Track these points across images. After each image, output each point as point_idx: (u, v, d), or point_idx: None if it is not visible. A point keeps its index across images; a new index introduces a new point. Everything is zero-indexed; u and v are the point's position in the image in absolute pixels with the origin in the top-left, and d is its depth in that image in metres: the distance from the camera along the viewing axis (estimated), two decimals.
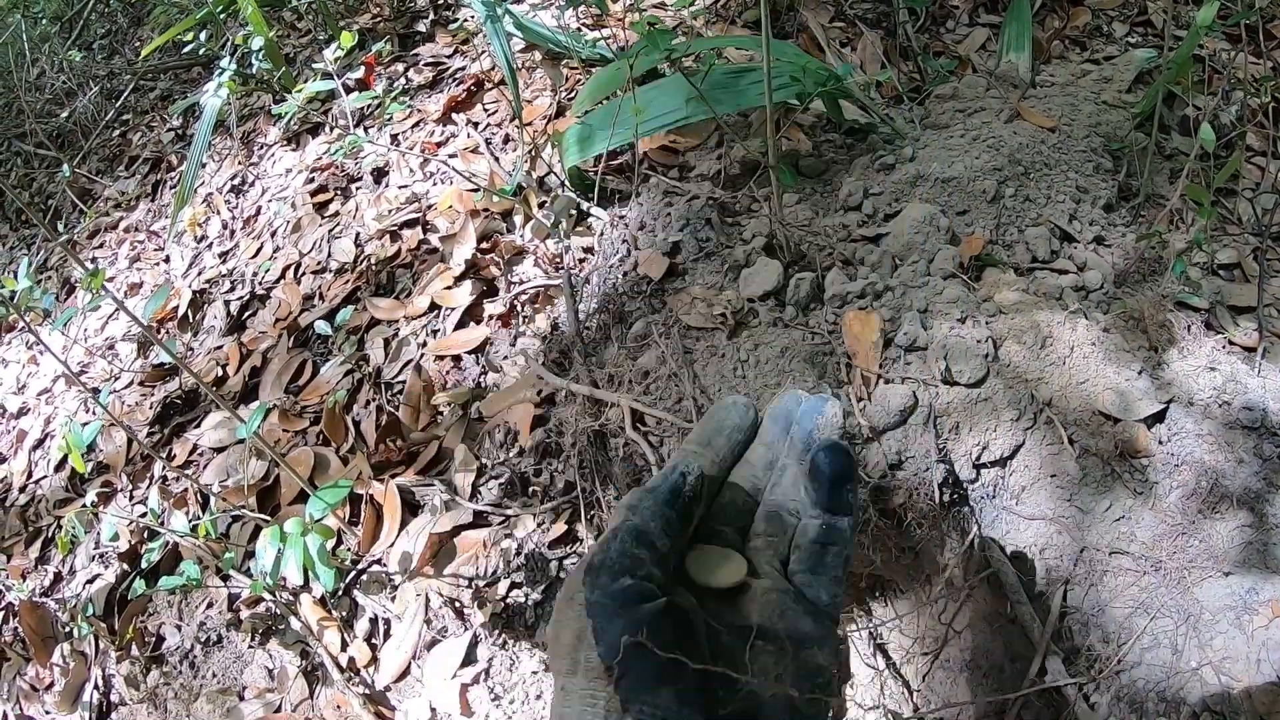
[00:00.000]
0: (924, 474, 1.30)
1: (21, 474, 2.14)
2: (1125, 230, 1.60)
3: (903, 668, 1.55)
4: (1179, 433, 1.37)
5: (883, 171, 1.58)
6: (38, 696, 1.88)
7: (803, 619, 0.47)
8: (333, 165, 2.02)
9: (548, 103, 1.86)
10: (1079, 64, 1.94)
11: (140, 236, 2.39)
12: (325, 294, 1.79)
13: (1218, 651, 1.30)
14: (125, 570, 1.82)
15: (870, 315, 1.33)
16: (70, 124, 2.90)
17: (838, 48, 1.84)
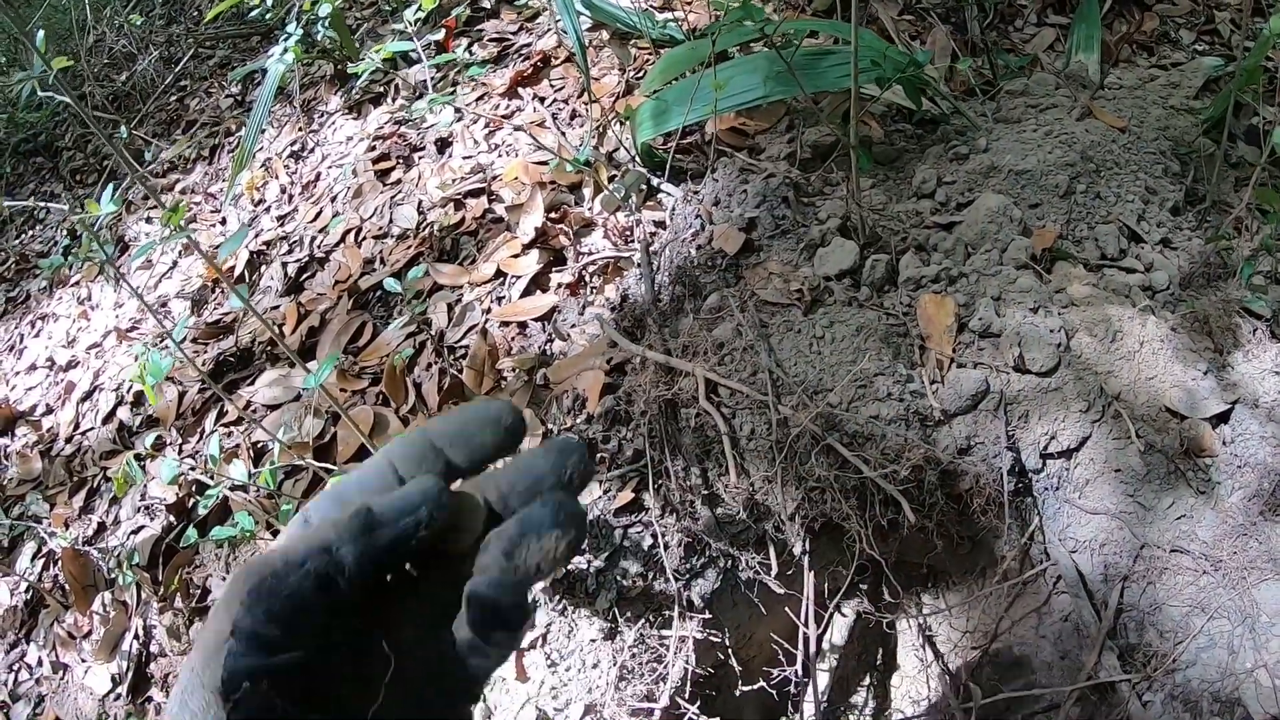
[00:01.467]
0: (992, 460, 1.30)
1: (69, 425, 2.16)
2: (1191, 234, 1.60)
3: (950, 660, 1.55)
4: (1243, 434, 1.36)
5: (956, 161, 1.58)
6: (75, 644, 1.89)
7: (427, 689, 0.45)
8: (395, 134, 2.04)
9: (616, 80, 1.87)
10: (1146, 68, 1.94)
11: (196, 198, 2.41)
12: (386, 258, 1.80)
13: (1274, 654, 1.30)
14: (171, 523, 1.83)
15: (945, 299, 1.33)
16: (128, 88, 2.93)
17: (907, 40, 1.85)
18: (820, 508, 1.26)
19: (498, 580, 0.43)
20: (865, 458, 1.22)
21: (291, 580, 0.40)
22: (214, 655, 0.39)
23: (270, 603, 0.40)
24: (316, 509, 0.45)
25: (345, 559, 0.41)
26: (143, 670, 1.78)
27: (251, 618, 0.39)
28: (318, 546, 0.41)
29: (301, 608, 0.40)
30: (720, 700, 1.47)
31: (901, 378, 1.28)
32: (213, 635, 0.40)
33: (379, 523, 0.42)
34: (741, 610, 1.39)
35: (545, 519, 0.43)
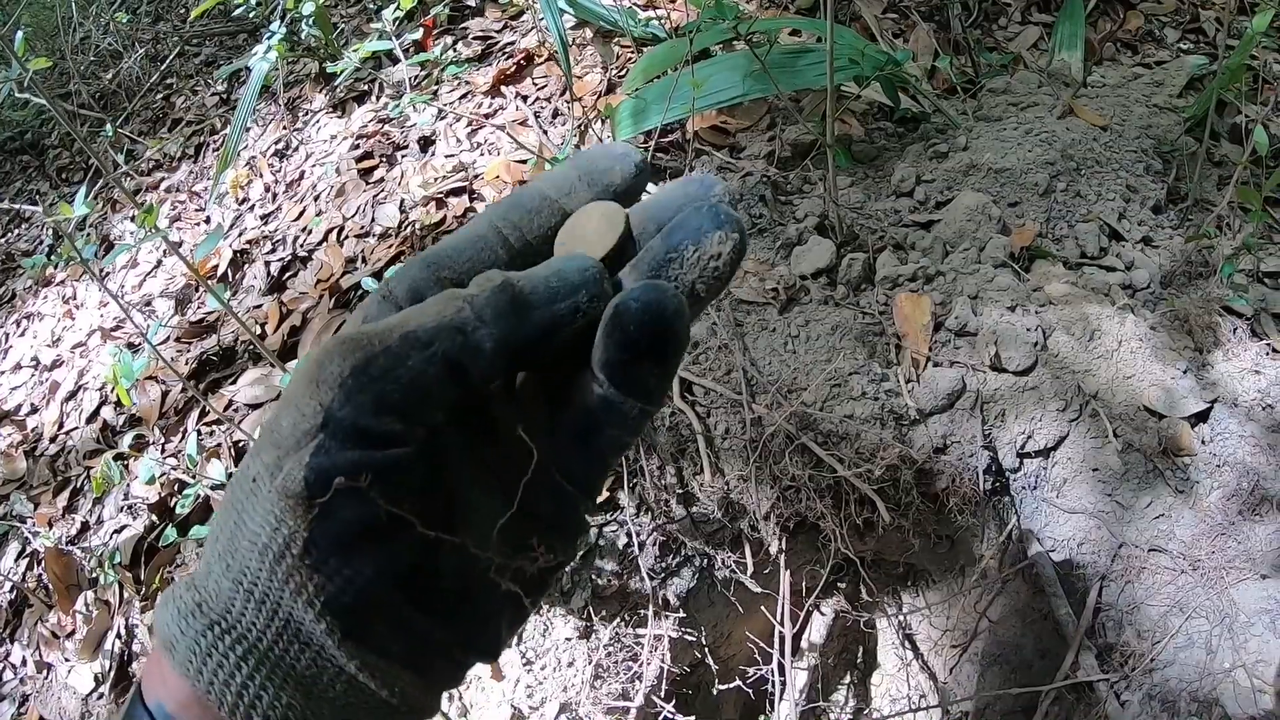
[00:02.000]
0: (968, 460, 1.29)
1: (53, 424, 2.16)
2: (1173, 232, 1.60)
3: (930, 659, 1.55)
4: (1222, 433, 1.36)
5: (935, 159, 1.58)
6: (58, 643, 1.89)
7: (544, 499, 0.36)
8: (379, 133, 2.03)
9: (598, 79, 1.87)
10: (1130, 67, 1.94)
11: (181, 197, 2.40)
12: (368, 257, 1.80)
13: (1252, 654, 1.30)
14: (154, 522, 1.83)
15: (922, 298, 1.33)
16: (114, 86, 2.92)
17: (890, 38, 1.84)
18: (795, 507, 1.26)
19: (652, 287, 0.32)
20: (840, 457, 1.22)
21: (412, 363, 0.31)
22: (290, 454, 0.31)
23: (382, 387, 0.31)
24: (400, 280, 0.36)
25: (483, 343, 0.32)
26: (125, 669, 1.77)
27: (354, 405, 0.31)
28: (449, 324, 0.32)
29: (423, 398, 0.31)
30: (698, 699, 1.47)
31: (877, 377, 1.28)
32: (288, 429, 0.31)
33: (529, 303, 0.33)
34: (718, 609, 1.38)
35: (703, 221, 0.34)
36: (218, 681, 0.31)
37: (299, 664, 0.32)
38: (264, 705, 0.31)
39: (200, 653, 0.31)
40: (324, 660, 0.32)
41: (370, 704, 0.33)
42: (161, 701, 0.32)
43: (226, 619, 0.32)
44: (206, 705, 0.32)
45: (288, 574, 0.31)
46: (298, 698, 0.32)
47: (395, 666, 0.33)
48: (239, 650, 0.32)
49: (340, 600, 0.31)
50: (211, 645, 0.32)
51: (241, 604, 0.32)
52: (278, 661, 0.32)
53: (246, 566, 0.31)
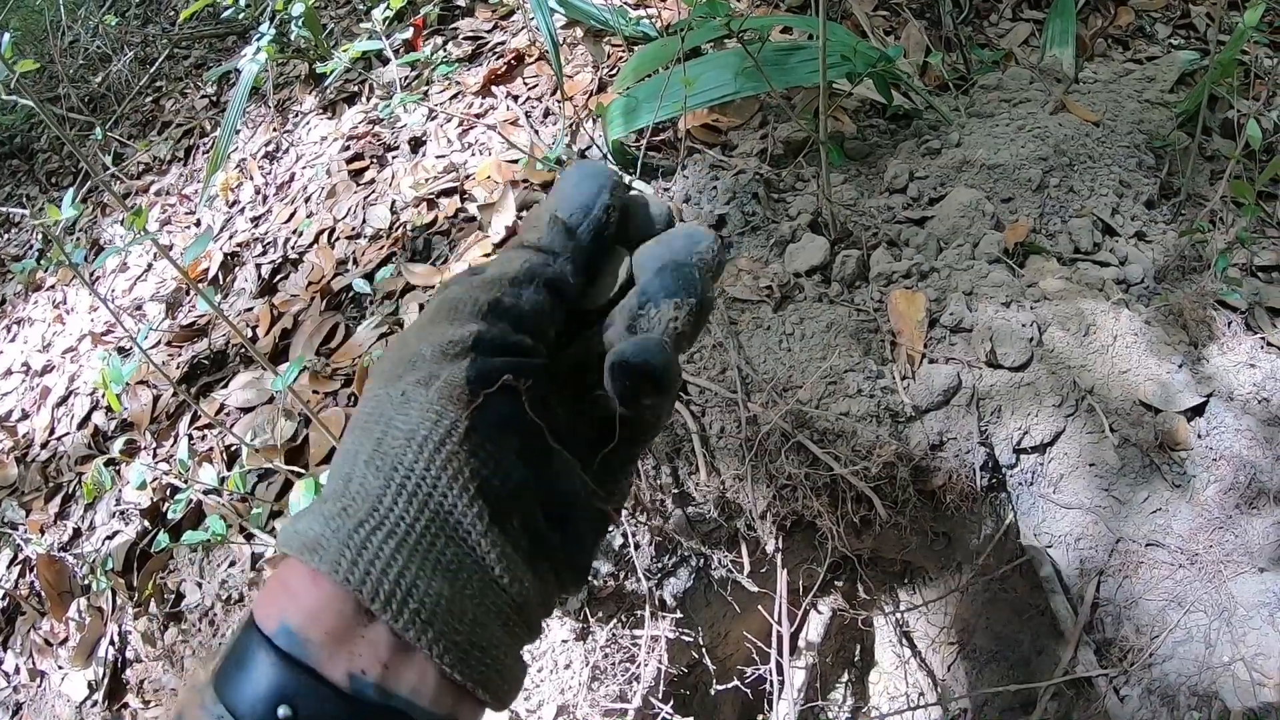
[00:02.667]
0: (965, 456, 1.29)
1: (44, 430, 2.14)
2: (1166, 227, 1.60)
3: (928, 656, 1.55)
4: (1218, 427, 1.36)
5: (928, 156, 1.57)
6: (51, 651, 1.87)
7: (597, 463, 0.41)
8: (369, 134, 2.02)
9: (589, 78, 1.86)
10: (1121, 63, 1.94)
11: (172, 200, 2.39)
12: (359, 259, 1.79)
13: (1251, 647, 1.29)
14: (146, 527, 1.81)
15: (916, 295, 1.32)
16: (104, 89, 2.91)
17: (882, 35, 1.84)
18: (792, 505, 1.25)
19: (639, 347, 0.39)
20: (836, 455, 1.21)
21: (528, 294, 0.39)
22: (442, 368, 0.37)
23: (518, 312, 0.39)
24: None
25: (565, 268, 0.41)
26: (118, 676, 1.76)
27: (499, 328, 0.38)
28: (539, 262, 0.40)
29: (544, 318, 0.40)
30: (696, 699, 1.46)
31: (872, 374, 1.27)
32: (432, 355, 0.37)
33: (572, 223, 0.42)
34: (715, 609, 1.38)
35: (665, 286, 0.41)
36: (373, 573, 0.33)
37: (445, 555, 0.34)
38: (419, 594, 0.33)
39: (353, 548, 0.33)
40: (466, 551, 0.35)
41: (498, 603, 0.36)
42: (286, 619, 0.33)
43: (376, 514, 0.34)
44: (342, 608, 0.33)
45: (446, 460, 0.35)
46: (445, 588, 0.34)
47: (521, 563, 0.36)
48: (392, 543, 0.34)
49: (491, 484, 0.35)
50: (365, 540, 0.33)
51: (392, 499, 0.34)
52: (426, 552, 0.34)
53: (400, 462, 0.35)
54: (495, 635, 0.35)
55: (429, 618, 0.33)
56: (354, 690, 0.32)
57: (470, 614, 0.34)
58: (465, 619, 0.34)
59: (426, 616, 0.33)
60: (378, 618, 0.33)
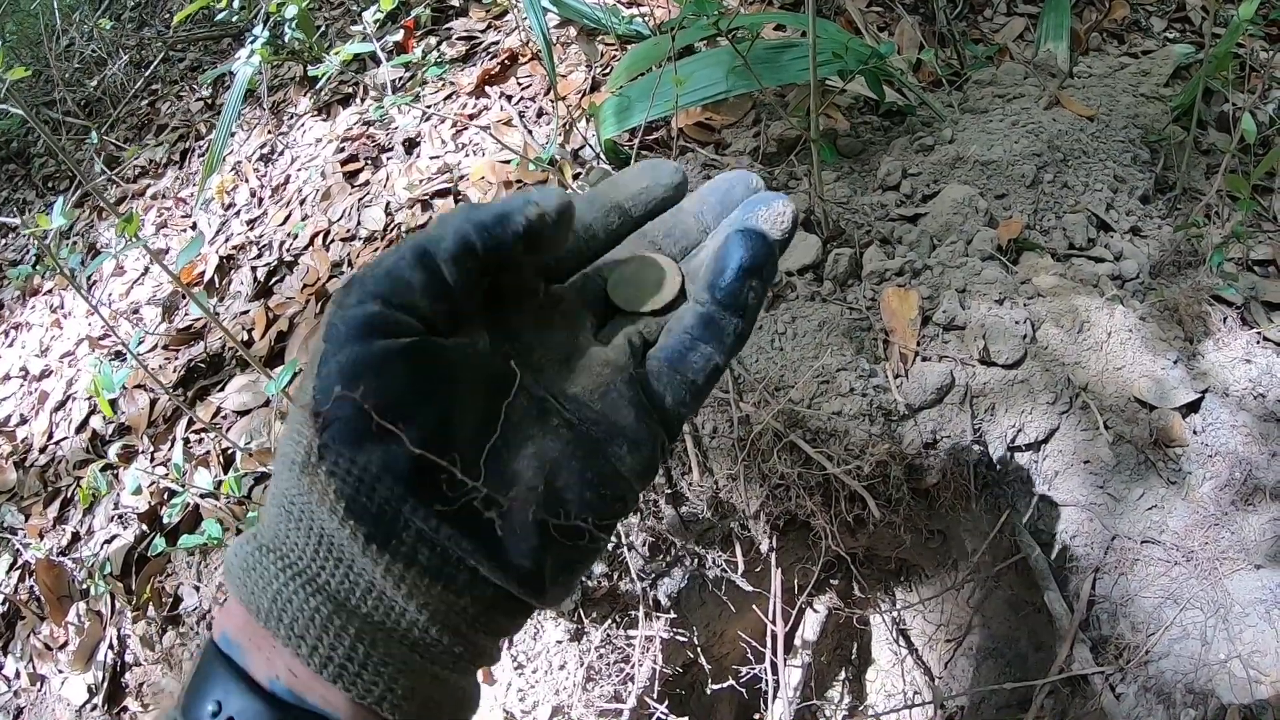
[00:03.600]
0: (959, 454, 1.29)
1: (42, 435, 2.14)
2: (1161, 222, 1.59)
3: (925, 653, 1.55)
4: (1214, 423, 1.35)
5: (921, 153, 1.57)
6: (51, 655, 1.87)
7: (626, 410, 0.38)
8: (363, 135, 2.02)
9: (583, 77, 1.86)
10: (1116, 56, 1.93)
11: (167, 203, 2.39)
12: (354, 261, 1.79)
13: (1247, 645, 1.29)
14: (144, 531, 1.81)
15: (909, 293, 1.32)
16: (99, 93, 2.91)
17: (875, 31, 1.83)
18: (785, 505, 1.25)
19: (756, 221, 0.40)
20: (829, 454, 1.21)
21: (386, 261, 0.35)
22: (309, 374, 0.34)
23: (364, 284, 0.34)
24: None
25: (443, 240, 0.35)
26: (118, 680, 1.76)
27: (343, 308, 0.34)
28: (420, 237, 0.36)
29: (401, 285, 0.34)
30: (692, 699, 1.46)
31: (865, 373, 1.27)
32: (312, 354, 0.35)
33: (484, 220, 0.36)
34: (710, 609, 1.38)
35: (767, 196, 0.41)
36: (265, 600, 0.33)
37: (333, 580, 0.33)
38: (304, 620, 0.33)
39: (253, 577, 0.34)
40: (355, 575, 0.34)
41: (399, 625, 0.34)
42: (225, 630, 0.35)
43: (273, 542, 0.34)
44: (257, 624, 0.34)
45: (310, 483, 0.33)
46: (327, 608, 0.33)
47: (424, 578, 0.34)
48: (286, 572, 0.34)
49: (358, 502, 0.33)
50: (256, 563, 0.34)
51: (285, 526, 0.34)
52: (313, 579, 0.33)
53: (286, 488, 0.34)
54: (398, 656, 0.34)
55: (314, 644, 0.33)
56: (272, 690, 0.33)
57: (367, 637, 0.33)
58: (362, 643, 0.33)
59: (312, 643, 0.33)
60: None
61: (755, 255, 0.39)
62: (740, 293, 0.39)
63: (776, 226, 0.40)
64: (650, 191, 0.44)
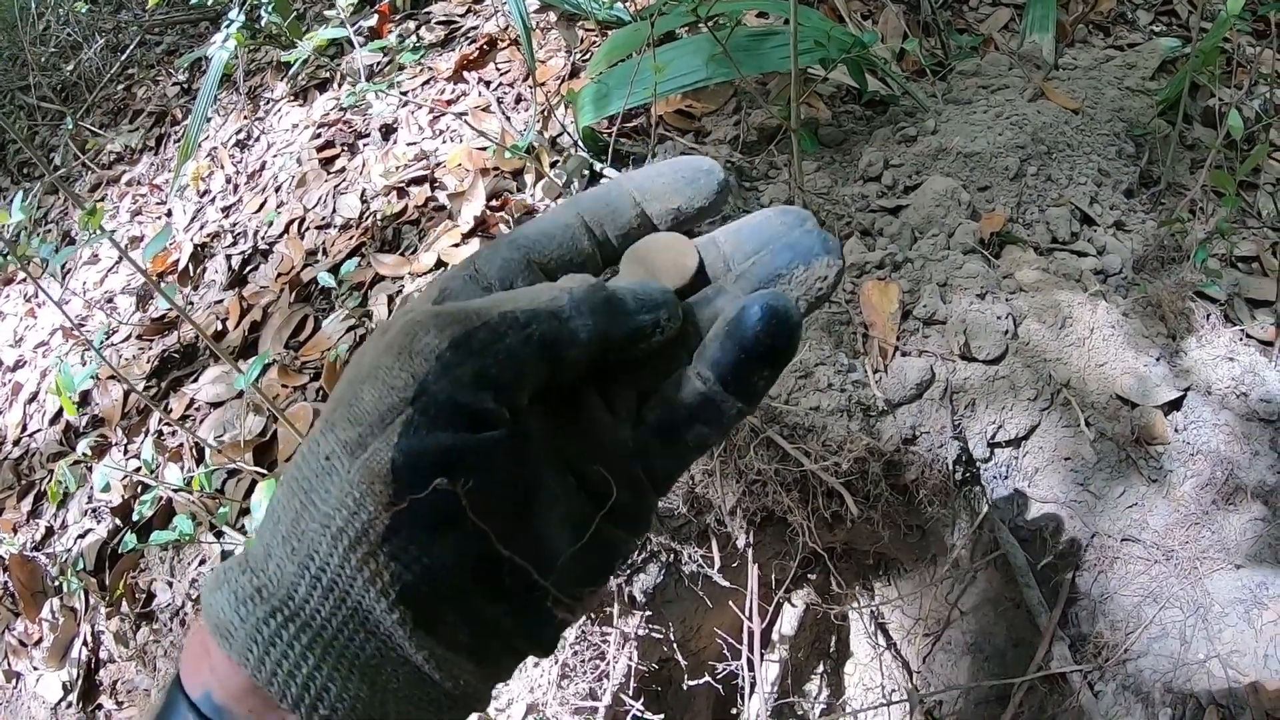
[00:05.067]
0: (938, 450, 1.27)
1: (15, 427, 2.11)
2: (1145, 216, 1.58)
3: (903, 648, 1.54)
4: (1196, 421, 1.34)
5: (904, 143, 1.55)
6: (26, 652, 1.85)
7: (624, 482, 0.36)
8: (340, 121, 1.98)
9: (562, 63, 1.83)
10: (1102, 49, 1.91)
11: (142, 190, 2.35)
12: (329, 249, 1.76)
13: (1226, 644, 1.28)
14: (117, 525, 1.79)
15: (889, 286, 1.30)
16: (75, 77, 2.86)
17: (858, 19, 1.81)
18: (762, 500, 1.23)
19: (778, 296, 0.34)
20: (807, 450, 1.19)
21: (510, 342, 0.31)
22: (374, 431, 0.30)
23: (481, 362, 0.31)
24: (490, 260, 0.37)
25: (579, 333, 0.33)
26: (92, 677, 1.74)
27: (451, 379, 0.30)
28: (545, 309, 0.32)
29: (518, 378, 0.31)
30: (668, 695, 1.45)
31: (843, 367, 1.25)
32: (371, 404, 0.30)
33: (619, 307, 0.34)
34: (686, 605, 1.36)
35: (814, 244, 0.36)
36: (281, 672, 0.30)
37: (364, 653, 0.30)
38: (331, 697, 0.30)
39: (263, 641, 0.30)
40: (389, 649, 0.31)
41: (430, 695, 0.32)
42: (209, 690, 0.31)
43: (289, 605, 0.30)
44: (261, 697, 0.30)
45: (362, 561, 0.30)
46: (364, 689, 0.30)
47: (460, 657, 0.32)
48: (304, 639, 0.30)
49: (417, 590, 0.30)
50: (275, 634, 0.30)
51: (307, 590, 0.30)
52: (343, 650, 0.30)
53: (315, 551, 0.30)
54: None
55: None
56: None
57: (393, 712, 0.31)
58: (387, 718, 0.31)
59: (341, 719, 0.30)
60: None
61: (772, 342, 0.34)
62: (748, 380, 0.35)
63: (812, 291, 0.36)
64: (682, 213, 0.39)
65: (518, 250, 0.37)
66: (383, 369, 0.31)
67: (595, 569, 0.36)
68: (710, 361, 0.35)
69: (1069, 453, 1.31)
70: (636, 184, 0.40)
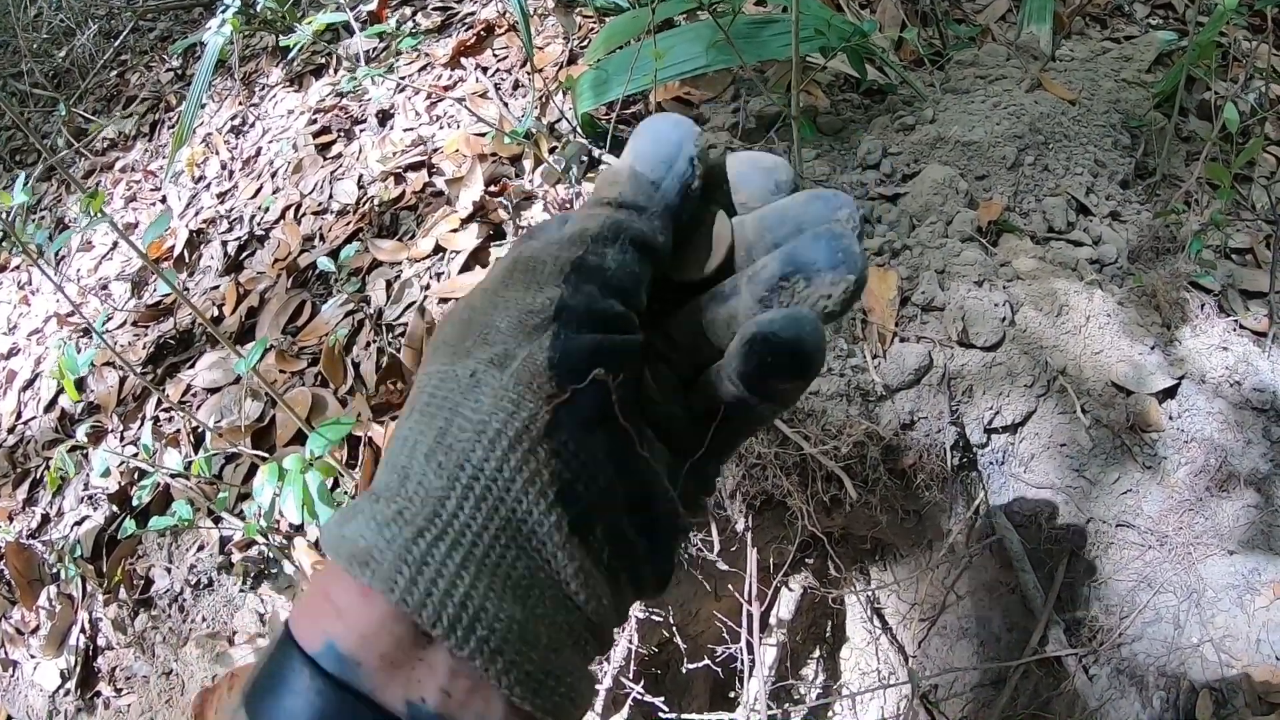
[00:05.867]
0: (935, 436, 1.28)
1: (10, 415, 2.10)
2: (1140, 208, 1.59)
3: (899, 633, 1.55)
4: (1190, 409, 1.36)
5: (902, 132, 1.55)
6: (23, 640, 1.84)
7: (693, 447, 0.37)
8: (336, 107, 1.98)
9: (560, 50, 1.83)
10: (1099, 41, 1.92)
11: (136, 176, 2.34)
12: (326, 235, 1.75)
13: (1219, 629, 1.30)
14: (114, 512, 1.78)
15: (888, 273, 1.31)
16: (68, 64, 2.84)
17: (857, 9, 1.81)
18: (762, 484, 1.24)
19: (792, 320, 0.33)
20: (806, 434, 1.20)
21: (614, 253, 0.33)
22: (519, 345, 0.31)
23: (603, 275, 0.33)
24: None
25: (653, 222, 0.35)
26: (90, 664, 1.73)
27: (584, 294, 0.32)
28: (619, 219, 0.34)
29: (635, 281, 0.34)
30: (667, 678, 1.46)
31: (843, 353, 1.26)
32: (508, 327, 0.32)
33: (654, 181, 0.35)
34: (685, 588, 1.37)
35: (819, 255, 0.34)
36: (437, 592, 0.28)
37: (515, 570, 0.30)
38: (488, 618, 0.29)
39: (414, 563, 0.28)
40: (539, 566, 0.30)
41: (571, 622, 0.31)
42: (334, 639, 0.29)
43: (437, 522, 0.29)
44: (399, 630, 0.29)
45: (522, 460, 0.30)
46: (517, 610, 0.29)
47: (601, 579, 0.32)
48: (457, 557, 0.29)
49: (574, 489, 0.30)
50: (426, 554, 0.29)
51: (457, 502, 0.29)
52: (495, 567, 0.29)
53: (467, 459, 0.30)
54: (569, 660, 0.31)
55: (499, 645, 0.29)
56: (412, 718, 0.28)
57: (544, 638, 0.30)
58: (539, 645, 0.30)
59: (496, 644, 0.29)
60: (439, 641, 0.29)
61: (792, 363, 0.33)
62: (775, 391, 0.35)
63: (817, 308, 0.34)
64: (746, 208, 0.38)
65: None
66: (513, 299, 0.32)
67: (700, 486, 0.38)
68: (736, 373, 0.35)
69: (1065, 439, 1.32)
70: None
